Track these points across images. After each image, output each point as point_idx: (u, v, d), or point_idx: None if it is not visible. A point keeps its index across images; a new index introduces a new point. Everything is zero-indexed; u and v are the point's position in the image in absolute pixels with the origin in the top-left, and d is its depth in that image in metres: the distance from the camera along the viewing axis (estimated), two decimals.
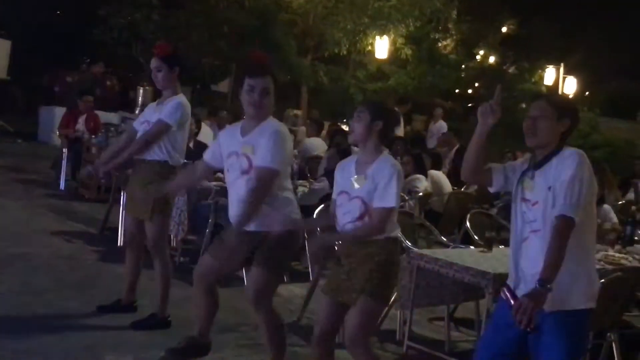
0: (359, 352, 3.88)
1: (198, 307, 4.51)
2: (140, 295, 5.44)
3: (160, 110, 5.05)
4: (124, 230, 5.43)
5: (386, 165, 3.88)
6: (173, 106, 5.02)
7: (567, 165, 3.25)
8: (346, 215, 3.95)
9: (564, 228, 3.16)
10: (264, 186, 4.13)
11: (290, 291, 6.58)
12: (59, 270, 6.25)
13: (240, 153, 4.22)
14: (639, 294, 5.15)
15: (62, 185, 10.23)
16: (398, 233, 4.05)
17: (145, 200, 5.01)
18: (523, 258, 3.34)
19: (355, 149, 5.11)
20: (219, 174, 6.48)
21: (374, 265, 3.83)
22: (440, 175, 8.58)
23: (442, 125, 13.63)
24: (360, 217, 3.89)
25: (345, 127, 12.49)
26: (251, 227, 4.18)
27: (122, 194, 7.41)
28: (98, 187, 9.49)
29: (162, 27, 17.06)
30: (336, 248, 4.09)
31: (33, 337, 4.66)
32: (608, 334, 4.92)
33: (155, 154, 5.04)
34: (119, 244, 7.21)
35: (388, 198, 3.81)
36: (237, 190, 4.23)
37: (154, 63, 5.05)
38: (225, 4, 17.17)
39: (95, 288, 5.83)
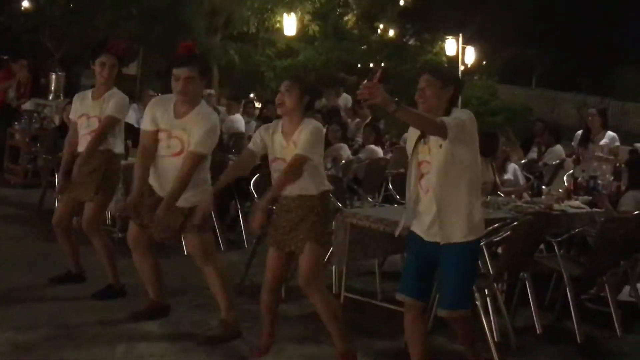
0: (313, 289, 4.43)
1: (143, 272, 4.97)
2: (92, 268, 5.75)
3: (104, 105, 5.42)
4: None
5: (309, 125, 4.38)
6: (119, 102, 5.45)
7: None
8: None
9: None
10: (192, 169, 4.62)
11: (228, 259, 6.98)
12: (6, 251, 6.47)
13: (172, 135, 4.67)
14: (547, 236, 5.76)
15: None
16: (329, 187, 4.56)
17: (90, 183, 5.41)
18: (419, 204, 4.11)
19: None
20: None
21: (314, 216, 4.37)
22: (377, 148, 9.23)
23: (347, 99, 13.91)
24: None
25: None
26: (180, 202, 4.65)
27: (55, 176, 7.65)
28: (25, 172, 9.60)
29: (68, 10, 16.97)
30: (273, 207, 4.57)
31: None
32: (522, 274, 5.53)
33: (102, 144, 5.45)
34: None
35: (303, 147, 4.32)
36: (167, 167, 4.68)
37: (108, 60, 5.39)
38: None
39: (46, 264, 6.07)
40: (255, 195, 6.18)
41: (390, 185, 7.20)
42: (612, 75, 29.51)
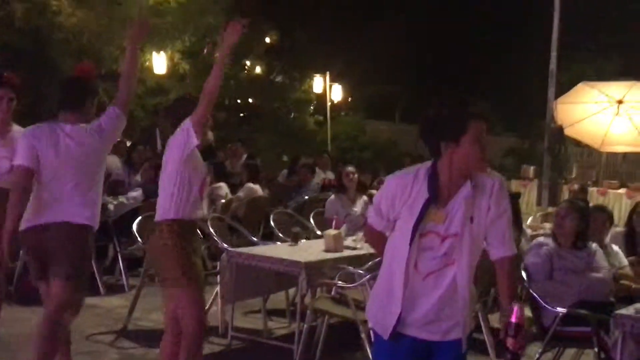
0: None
1: None
2: None
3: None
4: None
5: None
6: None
7: None
8: None
9: None
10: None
11: (110, 303, 6.91)
12: None
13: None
14: None
15: None
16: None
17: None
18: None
19: None
20: None
21: (161, 250, 4.21)
22: (256, 186, 9.24)
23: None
24: None
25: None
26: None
27: None
28: None
29: None
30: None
31: None
32: None
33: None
34: None
35: None
36: None
37: (7, 93, 4.93)
38: None
39: None
40: (138, 237, 6.16)
41: (272, 222, 7.34)
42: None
